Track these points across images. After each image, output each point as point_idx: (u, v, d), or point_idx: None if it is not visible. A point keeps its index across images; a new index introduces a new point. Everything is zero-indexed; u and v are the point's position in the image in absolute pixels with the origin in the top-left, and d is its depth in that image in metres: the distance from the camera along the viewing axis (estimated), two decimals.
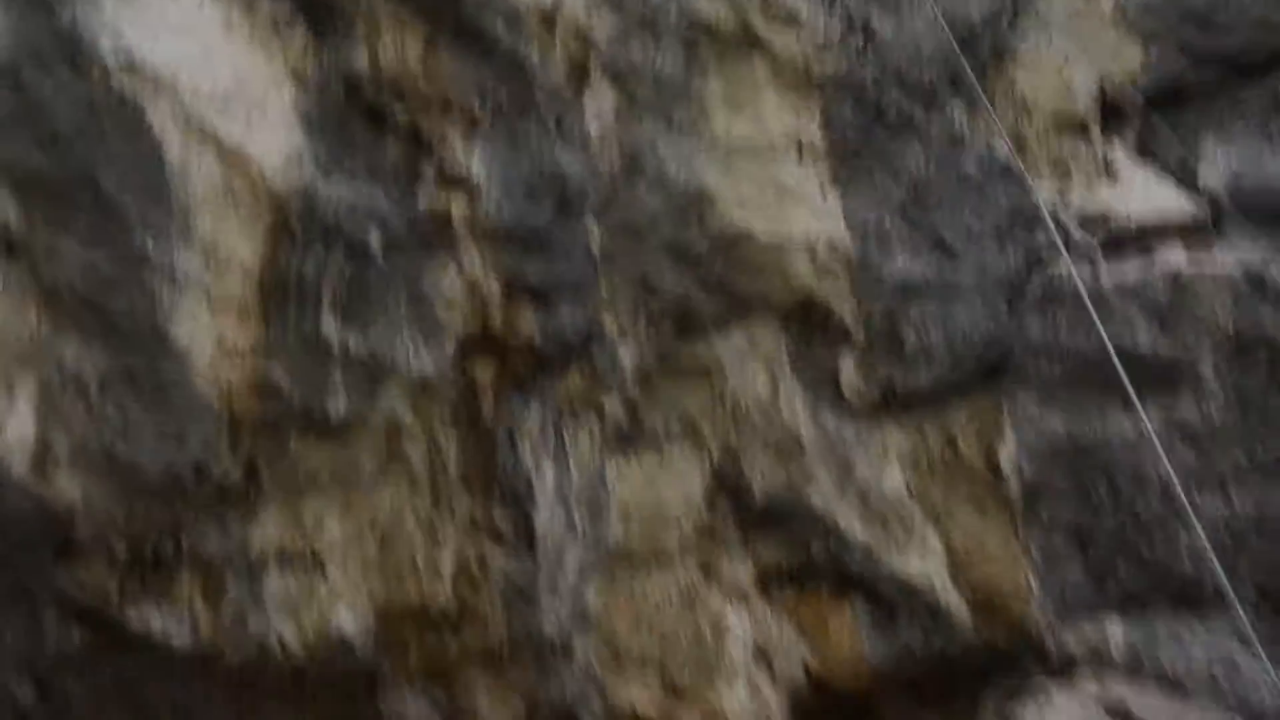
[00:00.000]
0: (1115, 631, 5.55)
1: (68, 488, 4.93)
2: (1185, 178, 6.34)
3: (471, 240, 5.55)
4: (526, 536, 5.47)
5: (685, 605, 5.62)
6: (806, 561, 5.63)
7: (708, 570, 5.65)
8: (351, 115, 5.68)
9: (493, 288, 5.53)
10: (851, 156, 5.92)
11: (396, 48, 5.83)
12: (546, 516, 5.49)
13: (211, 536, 5.09)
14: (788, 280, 5.72)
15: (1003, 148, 6.14)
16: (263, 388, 5.22)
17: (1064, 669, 5.59)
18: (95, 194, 5.19)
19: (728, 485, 5.59)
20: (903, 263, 5.79)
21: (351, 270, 5.40)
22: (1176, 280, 5.91)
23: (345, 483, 5.34)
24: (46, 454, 4.93)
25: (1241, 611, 5.04)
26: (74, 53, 5.33)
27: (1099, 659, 5.55)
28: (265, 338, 5.27)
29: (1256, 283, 5.89)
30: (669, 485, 5.64)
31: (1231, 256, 6.03)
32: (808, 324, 5.77)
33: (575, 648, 5.48)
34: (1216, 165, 6.27)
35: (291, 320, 5.30)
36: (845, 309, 5.72)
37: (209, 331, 5.16)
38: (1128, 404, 5.47)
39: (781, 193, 5.82)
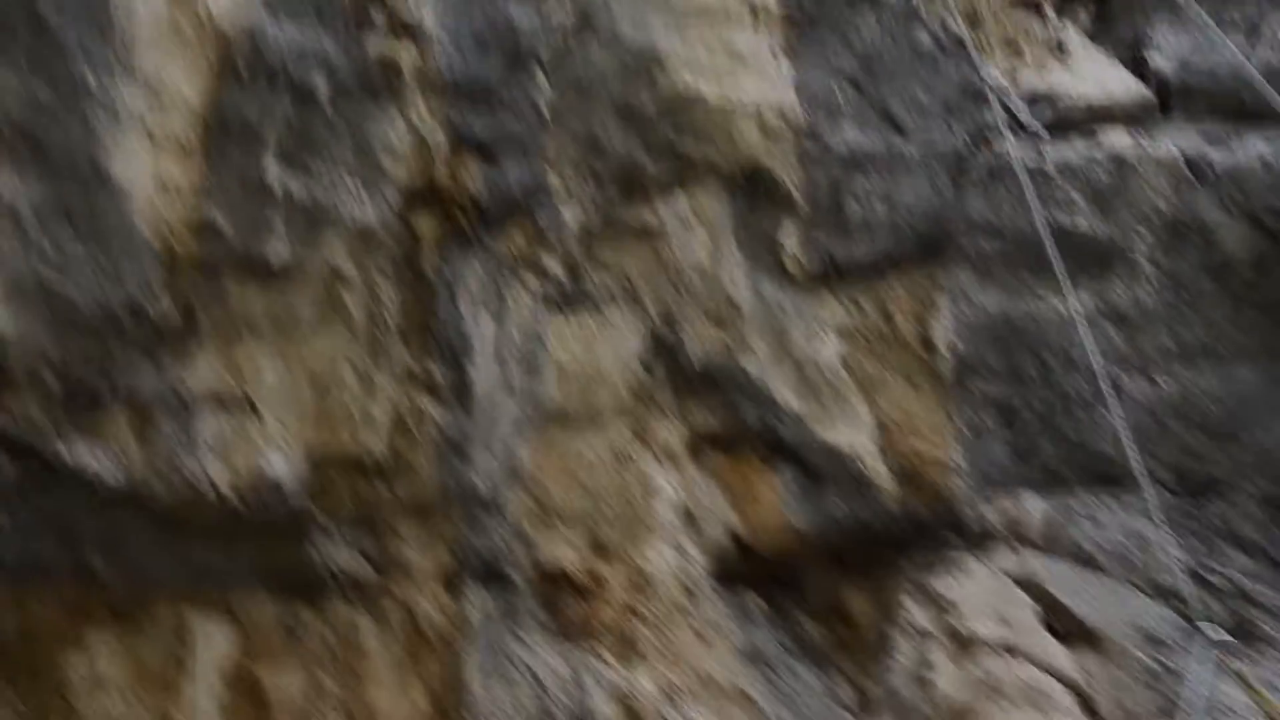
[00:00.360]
0: (1033, 507, 6.06)
1: (6, 320, 5.10)
2: (1135, 61, 6.76)
3: (419, 91, 5.68)
4: (462, 391, 5.69)
5: (616, 465, 5.94)
6: (738, 428, 6.03)
7: (640, 432, 5.99)
8: None
9: (439, 140, 5.69)
10: (806, 24, 6.24)
11: None
12: (483, 372, 5.73)
13: (146, 375, 5.26)
14: (735, 146, 6.03)
15: (953, 23, 6.44)
16: (202, 229, 5.33)
17: (982, 542, 6.03)
18: (34, 22, 5.19)
19: (664, 349, 5.93)
20: (850, 134, 6.15)
21: (297, 115, 5.48)
22: (1119, 163, 6.32)
23: (282, 329, 5.51)
24: None
25: (1154, 492, 5.46)
26: None
27: (1016, 533, 6.04)
28: (206, 178, 5.36)
29: (1196, 169, 6.32)
30: (606, 347, 5.96)
31: (1174, 142, 6.47)
32: (753, 192, 6.12)
33: (505, 503, 5.75)
34: (1167, 50, 6.70)
35: (234, 162, 5.41)
36: (791, 178, 6.06)
37: (149, 169, 5.26)
38: (1062, 280, 5.81)
39: (734, 58, 6.10)
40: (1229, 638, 5.48)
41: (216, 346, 5.46)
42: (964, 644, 5.90)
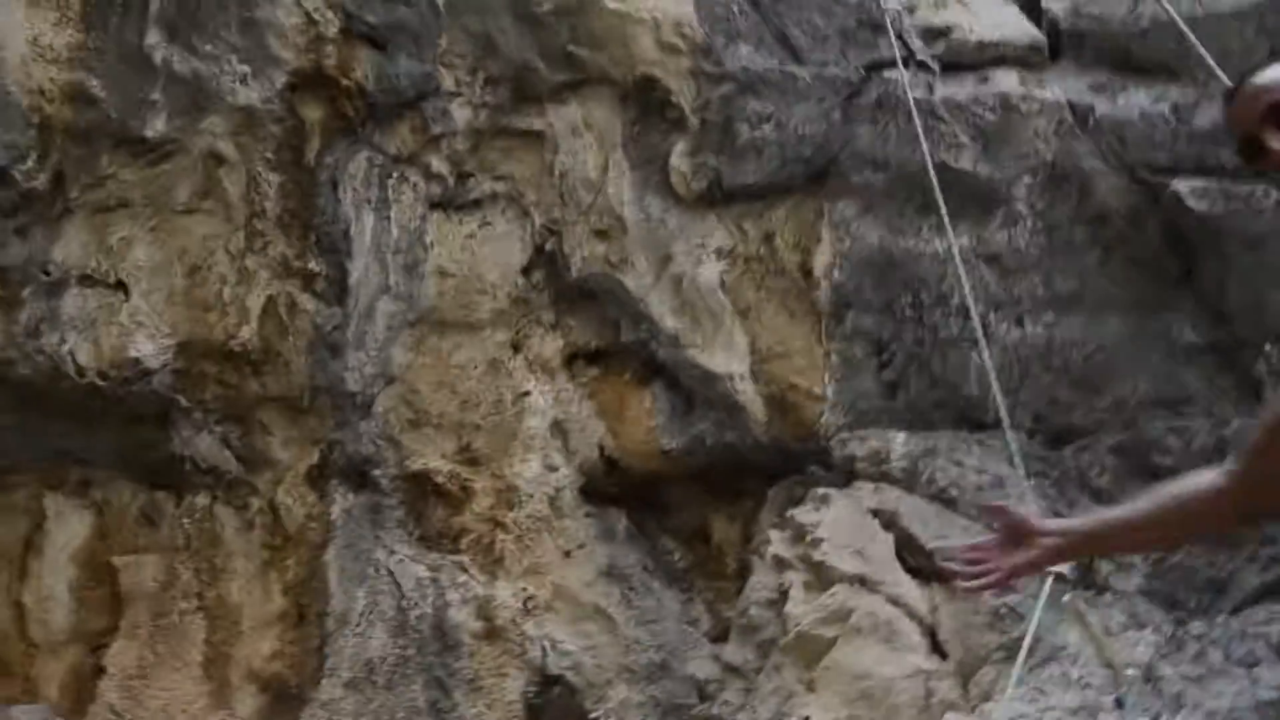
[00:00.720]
0: (898, 442, 6.15)
1: None
2: (1030, 4, 6.83)
3: None
4: (339, 286, 6.01)
5: (491, 374, 6.19)
6: (614, 344, 6.26)
7: (517, 342, 6.26)
8: None
9: (330, 24, 5.96)
10: None
11: None
12: (361, 268, 6.03)
13: (11, 245, 5.52)
14: (630, 57, 6.23)
15: None
16: (77, 95, 5.61)
17: (845, 475, 6.14)
18: None
19: (546, 258, 6.20)
20: (746, 54, 6.29)
21: None
22: (1006, 105, 6.41)
23: (157, 207, 5.82)
24: None
25: (1015, 436, 5.68)
26: None
27: (879, 468, 6.11)
28: (84, 43, 5.65)
29: (1080, 116, 6.45)
30: (488, 251, 6.23)
31: (1060, 87, 6.58)
32: (645, 105, 6.34)
33: (375, 404, 6.03)
34: None
35: (113, 29, 5.72)
36: (684, 94, 6.21)
37: (22, 29, 5.53)
38: (942, 222, 6.01)
39: None
40: (1071, 583, 5.61)
41: (86, 219, 5.76)
42: (820, 574, 5.95)
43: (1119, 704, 5.26)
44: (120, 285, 5.85)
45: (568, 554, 6.23)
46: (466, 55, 6.25)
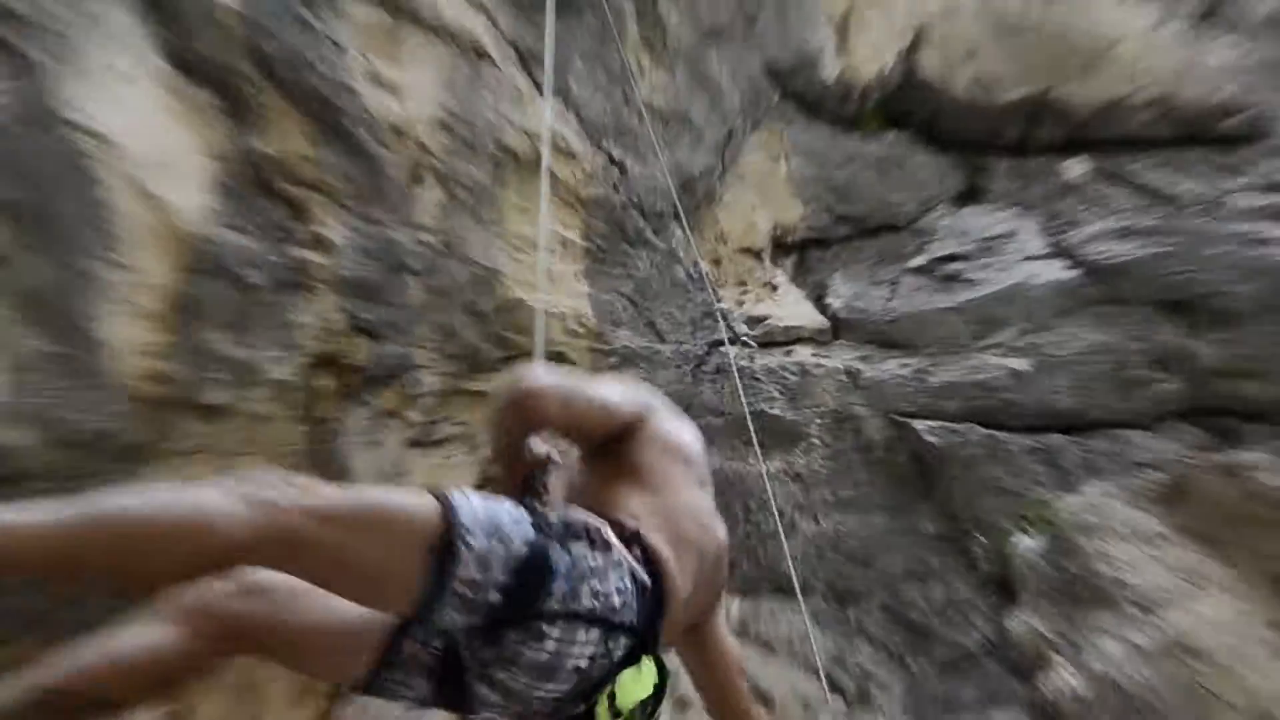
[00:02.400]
0: (734, 606, 7.03)
1: (13, 435, 5.70)
2: (819, 300, 8.13)
3: (327, 287, 6.46)
4: None
5: None
6: None
7: None
8: (251, 185, 6.78)
9: (338, 322, 6.48)
10: (600, 257, 7.41)
11: (289, 139, 6.99)
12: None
13: (116, 480, 5.72)
14: (546, 339, 6.30)
15: (700, 264, 7.73)
16: (162, 378, 6.20)
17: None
18: (55, 222, 6.08)
19: (488, 480, 6.65)
20: (625, 336, 7.36)
21: (234, 299, 6.47)
22: (803, 369, 7.59)
23: (218, 453, 6.33)
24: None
25: (807, 601, 6.68)
26: (43, 114, 6.12)
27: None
28: (170, 343, 6.26)
29: (853, 376, 7.67)
30: (448, 473, 6.76)
31: (839, 357, 7.74)
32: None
33: None
34: (838, 295, 8.16)
35: (189, 331, 6.35)
36: (584, 362, 7.16)
37: (127, 334, 6.08)
38: (757, 453, 7.05)
39: (549, 277, 7.19)
40: (844, 705, 6.57)
41: (168, 465, 6.21)
42: (683, 704, 6.05)
43: None
44: None
45: None
46: (434, 340, 6.84)
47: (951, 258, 8.29)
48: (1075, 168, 9.02)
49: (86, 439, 6.04)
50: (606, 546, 3.31)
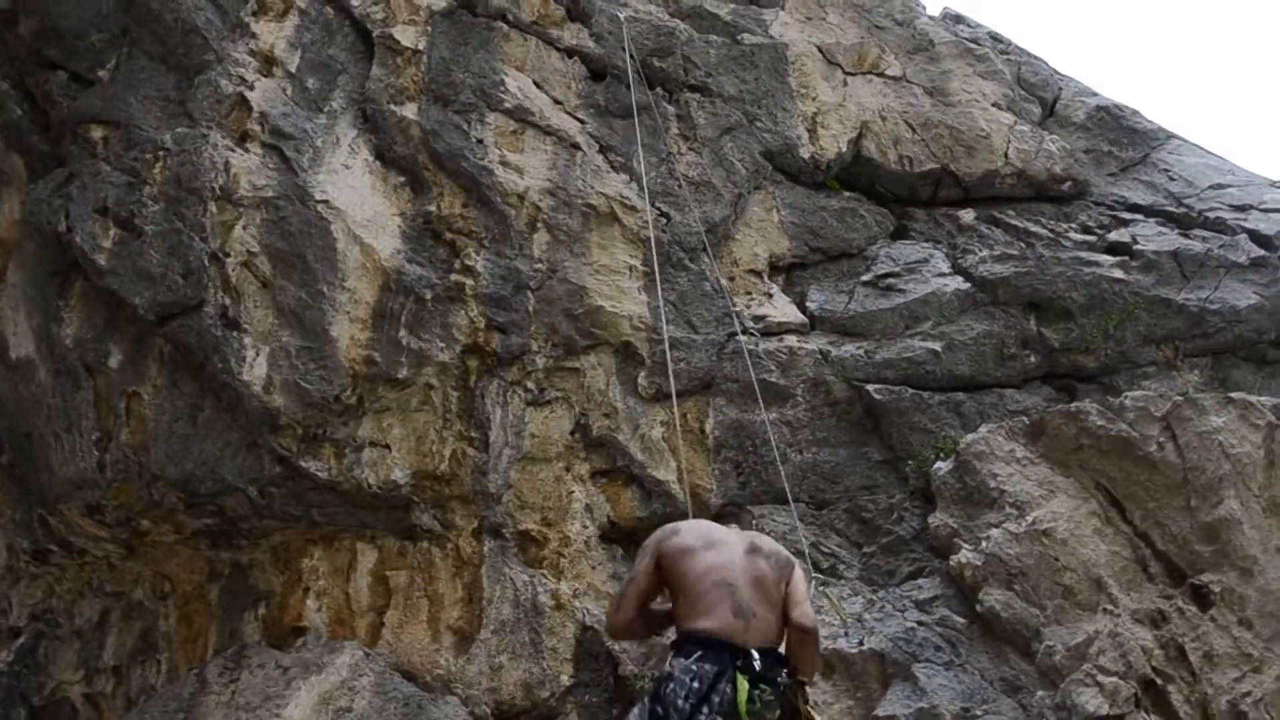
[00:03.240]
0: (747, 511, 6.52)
1: (277, 398, 6.51)
2: (801, 304, 8.32)
3: (473, 300, 7.16)
4: (484, 443, 6.89)
5: (555, 482, 7.01)
6: (613, 467, 7.08)
7: (568, 467, 7.06)
8: (424, 233, 7.41)
9: (479, 321, 7.09)
10: (652, 276, 7.55)
11: (450, 203, 7.60)
12: (496, 435, 6.94)
13: (340, 429, 6.66)
14: (618, 332, 7.38)
15: (720, 281, 8.00)
16: (369, 360, 6.74)
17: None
18: (304, 262, 6.97)
19: (581, 427, 7.15)
20: (672, 330, 7.35)
21: (413, 308, 7.03)
22: (791, 351, 7.68)
23: (403, 410, 6.87)
24: (270, 383, 6.54)
25: (797, 507, 6.62)
26: (302, 195, 7.06)
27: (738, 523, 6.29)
28: (371, 338, 6.84)
29: (824, 355, 7.81)
30: (554, 425, 7.16)
31: (815, 342, 7.80)
32: (626, 355, 7.38)
33: (503, 498, 6.83)
34: (815, 300, 8.33)
35: (385, 329, 6.92)
36: (644, 349, 7.31)
37: (348, 331, 6.80)
38: (770, 404, 7.20)
39: (619, 290, 7.52)
40: (824, 578, 6.35)
41: (372, 416, 6.79)
42: None
43: (845, 634, 5.98)
44: (386, 446, 6.67)
45: (593, 567, 6.80)
46: (543, 334, 7.21)
47: (889, 275, 8.39)
48: (967, 215, 9.25)
49: (323, 402, 6.66)
50: (665, 678, 3.96)
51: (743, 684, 3.80)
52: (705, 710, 3.79)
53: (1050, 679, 5.58)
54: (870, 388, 7.46)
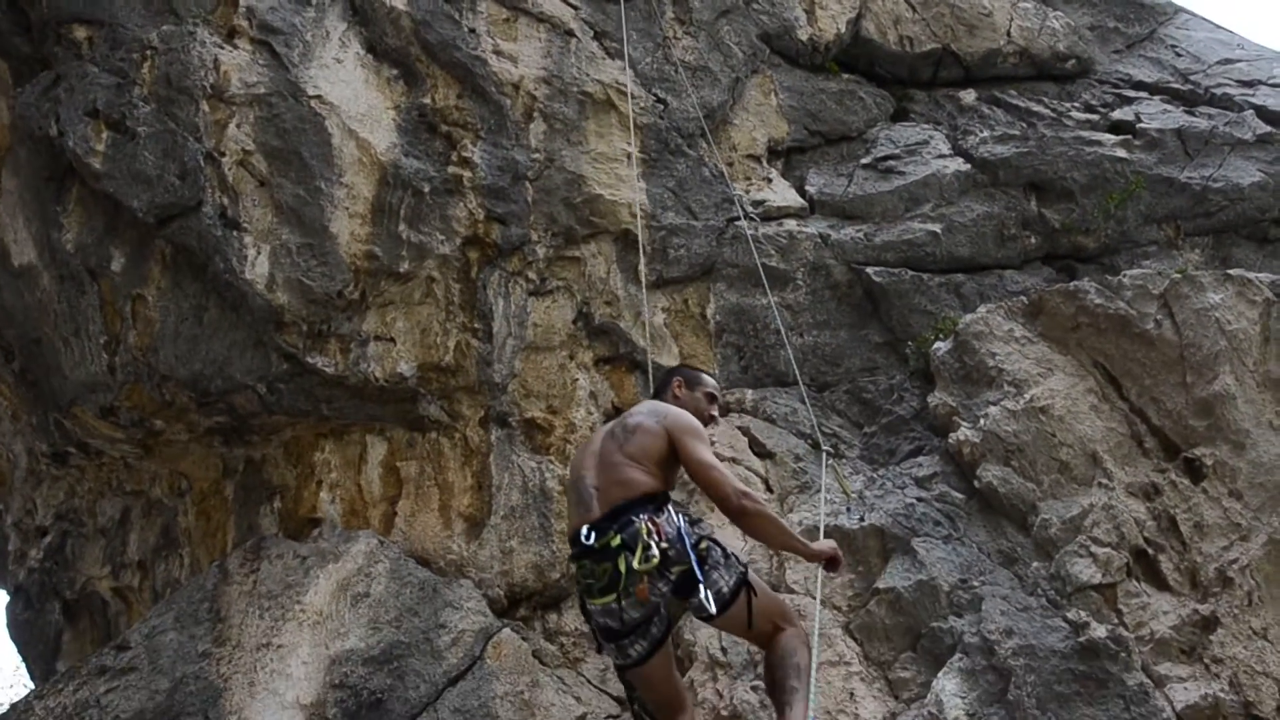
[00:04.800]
0: (749, 394, 7.03)
1: (281, 296, 6.34)
2: (800, 188, 8.36)
3: (471, 192, 7.00)
4: (488, 333, 6.82)
5: (560, 371, 6.99)
6: (616, 354, 7.10)
7: (572, 355, 7.08)
8: (420, 126, 7.34)
9: (479, 213, 6.97)
10: (652, 164, 7.58)
11: (444, 95, 7.52)
12: (499, 325, 6.88)
13: (344, 324, 6.52)
14: (618, 220, 7.29)
15: (720, 166, 8.03)
16: (370, 255, 6.59)
17: (725, 410, 6.63)
18: (300, 159, 6.78)
19: (583, 315, 7.08)
20: (671, 217, 7.46)
21: (411, 202, 6.84)
22: (791, 235, 7.68)
23: (407, 303, 6.75)
24: (272, 281, 6.36)
25: (803, 388, 6.68)
26: (294, 91, 6.97)
27: (741, 406, 6.98)
28: (371, 233, 6.69)
29: (824, 238, 7.90)
30: (556, 314, 7.12)
31: (814, 226, 7.82)
32: (625, 242, 7.29)
33: (508, 387, 6.81)
34: (813, 184, 8.39)
35: (385, 223, 6.73)
36: (643, 236, 7.21)
37: (347, 227, 6.62)
38: (771, 288, 7.15)
39: (618, 178, 7.42)
40: (831, 451, 6.44)
41: (375, 312, 6.68)
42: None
43: (848, 509, 6.05)
44: (391, 340, 6.65)
45: None
46: (543, 223, 7.17)
47: (888, 158, 8.39)
48: (968, 96, 9.21)
49: (326, 298, 6.56)
50: None
51: (572, 566, 4.07)
52: (602, 614, 4.04)
53: (1045, 551, 5.63)
54: (870, 270, 7.50)
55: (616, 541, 3.93)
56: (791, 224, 7.75)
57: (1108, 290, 6.53)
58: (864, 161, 8.36)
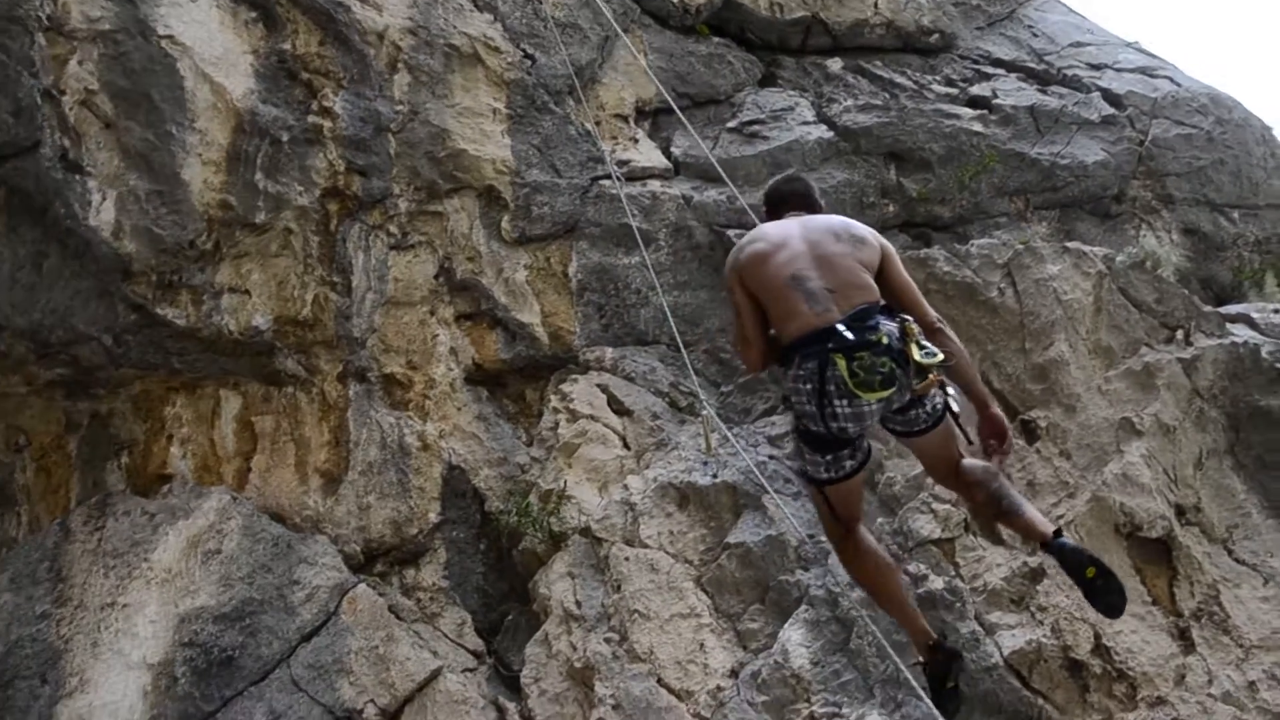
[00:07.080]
0: (609, 353, 7.26)
1: (128, 244, 6.21)
2: (665, 149, 8.49)
3: (332, 142, 6.99)
4: (347, 288, 6.90)
5: (420, 326, 7.12)
6: (477, 310, 7.27)
7: (433, 310, 7.17)
8: (279, 73, 7.16)
9: (339, 165, 6.98)
10: (517, 120, 7.67)
11: (305, 41, 7.35)
12: (359, 279, 6.97)
13: (199, 275, 6.48)
14: (482, 176, 7.38)
15: (588, 125, 8.08)
16: (224, 205, 6.52)
17: (584, 368, 7.16)
18: (150, 101, 6.65)
19: (445, 271, 7.23)
20: (536, 174, 7.56)
21: (269, 151, 6.75)
22: (654, 196, 7.82)
23: (263, 255, 6.74)
24: (120, 229, 6.22)
25: (657, 349, 7.17)
26: (142, 29, 6.69)
27: (600, 365, 7.21)
28: (226, 181, 6.58)
29: (687, 200, 8.01)
30: (418, 269, 7.21)
31: (678, 188, 7.97)
32: (489, 198, 7.44)
33: (367, 342, 6.92)
34: (678, 145, 8.50)
35: (241, 173, 6.66)
36: (507, 193, 7.39)
37: (200, 175, 6.51)
38: (632, 248, 7.30)
39: (483, 133, 7.49)
40: (679, 413, 6.69)
41: (230, 263, 6.63)
42: (573, 414, 6.87)
43: (705, 464, 6.30)
44: (246, 292, 6.62)
45: (459, 409, 7.02)
46: (405, 177, 7.20)
47: (754, 122, 8.54)
48: (834, 65, 9.42)
49: (177, 248, 6.46)
50: (789, 396, 4.22)
51: (840, 361, 3.81)
52: (828, 404, 3.85)
53: (890, 507, 5.94)
54: (731, 233, 7.47)
55: (885, 339, 3.84)
56: (655, 185, 7.85)
57: (956, 259, 6.90)
58: (730, 125, 8.43)
